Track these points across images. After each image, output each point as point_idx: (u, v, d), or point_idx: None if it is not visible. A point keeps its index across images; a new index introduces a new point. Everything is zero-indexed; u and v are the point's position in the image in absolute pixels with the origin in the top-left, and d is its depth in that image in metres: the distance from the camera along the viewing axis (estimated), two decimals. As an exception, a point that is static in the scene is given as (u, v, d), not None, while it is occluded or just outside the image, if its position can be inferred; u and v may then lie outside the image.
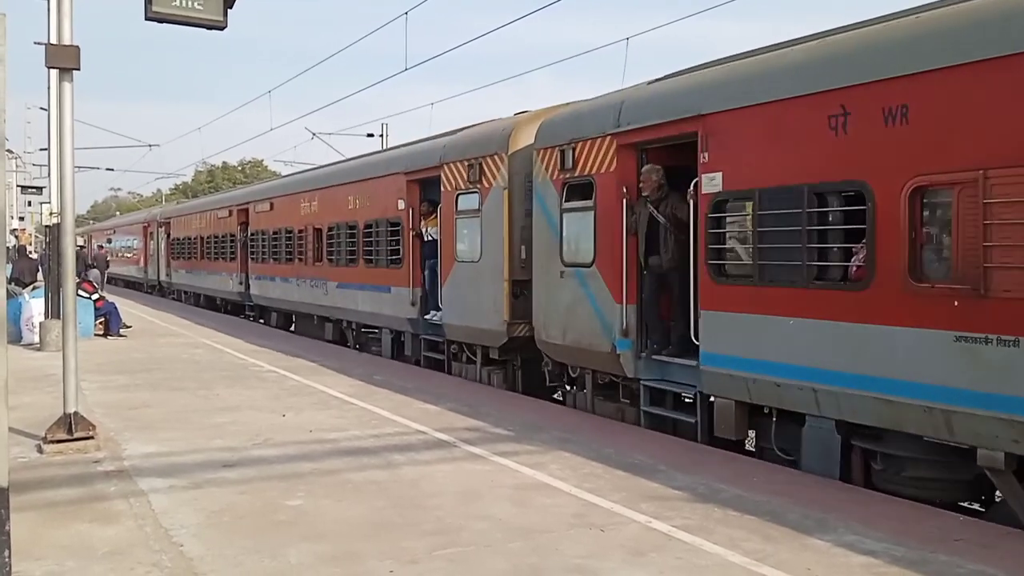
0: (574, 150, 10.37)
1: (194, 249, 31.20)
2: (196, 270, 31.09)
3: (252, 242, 24.23)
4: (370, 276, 16.62)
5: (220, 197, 31.14)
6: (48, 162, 17.39)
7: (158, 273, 37.76)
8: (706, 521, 6.12)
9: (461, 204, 13.20)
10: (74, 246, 8.87)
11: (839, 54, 7.41)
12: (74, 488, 6.96)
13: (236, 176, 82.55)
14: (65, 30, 8.75)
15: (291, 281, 21.06)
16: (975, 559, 5.36)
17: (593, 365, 10.43)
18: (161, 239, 36.84)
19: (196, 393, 11.60)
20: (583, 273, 10.27)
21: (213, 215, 28.67)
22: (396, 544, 5.60)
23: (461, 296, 13.13)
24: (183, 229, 33.24)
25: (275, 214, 22.32)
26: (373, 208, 16.42)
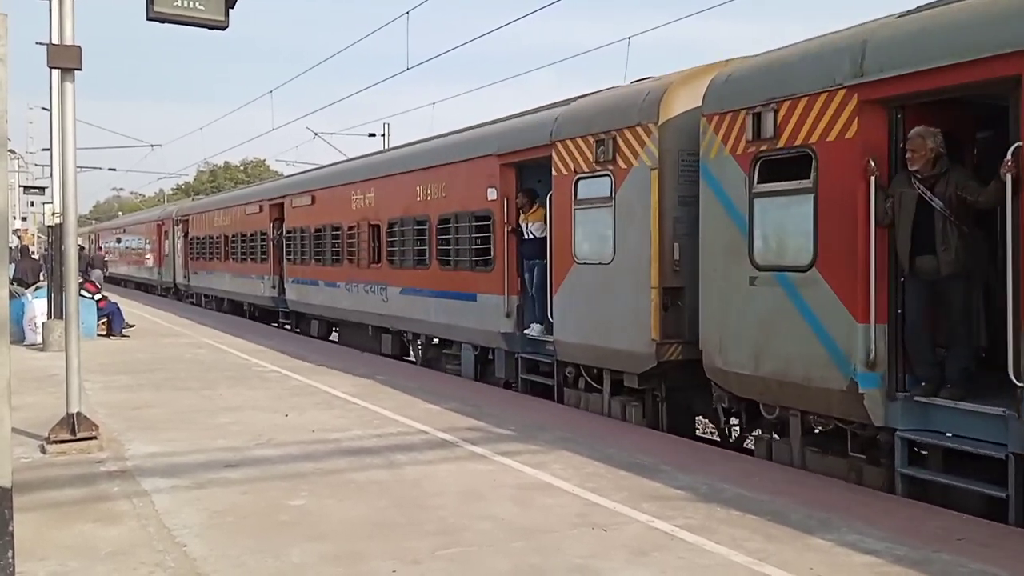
0: (775, 112, 7.86)
1: (216, 249, 28.44)
2: (219, 272, 28.31)
3: (288, 241, 21.60)
4: (447, 281, 13.96)
5: (248, 191, 27.97)
6: (50, 162, 17.44)
7: (174, 275, 35.00)
8: (708, 521, 6.12)
9: (583, 191, 10.64)
10: (76, 246, 8.88)
11: None
12: (77, 488, 6.96)
13: (238, 176, 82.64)
14: (67, 30, 8.75)
15: (339, 286, 18.38)
16: (978, 559, 5.36)
17: (809, 406, 7.73)
18: (178, 238, 34.05)
19: (199, 393, 11.61)
20: (793, 279, 7.68)
21: (240, 211, 25.95)
22: (399, 544, 5.61)
23: (582, 307, 10.59)
24: (204, 227, 30.40)
25: (318, 209, 19.70)
26: (452, 199, 13.79)
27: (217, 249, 28.39)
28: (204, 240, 30.22)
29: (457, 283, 13.57)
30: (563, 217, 10.99)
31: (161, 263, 37.58)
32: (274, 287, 22.73)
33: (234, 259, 26.42)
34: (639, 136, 9.69)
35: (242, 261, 25.54)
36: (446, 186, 13.96)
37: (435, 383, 12.67)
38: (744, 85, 8.39)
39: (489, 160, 12.63)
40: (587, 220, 10.58)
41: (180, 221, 33.71)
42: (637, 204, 9.70)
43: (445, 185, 13.99)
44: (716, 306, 8.62)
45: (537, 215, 11.79)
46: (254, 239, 24.38)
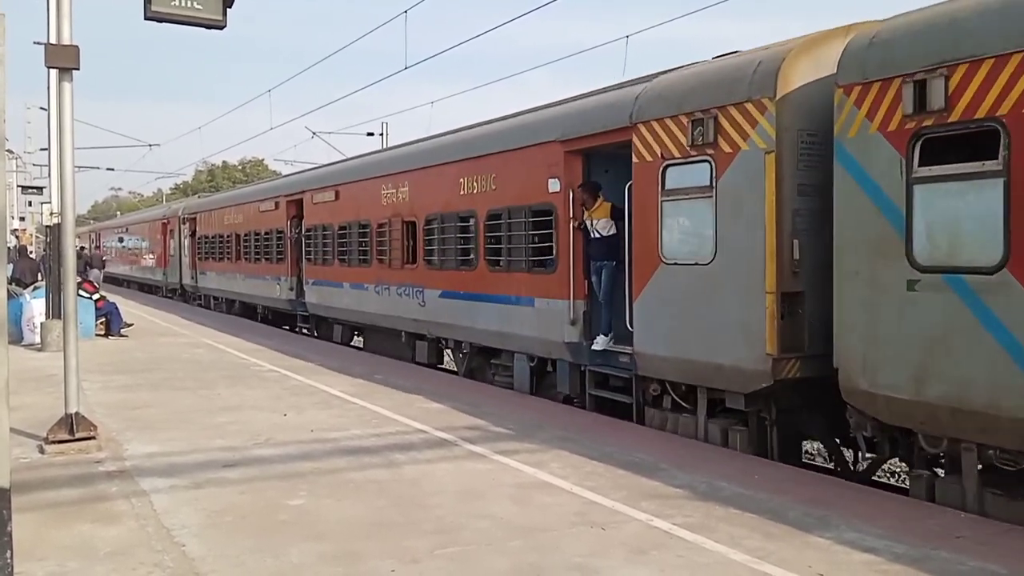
0: (946, 79, 6.51)
1: (227, 248, 26.70)
2: (230, 273, 26.51)
3: (308, 239, 19.98)
4: (498, 284, 12.46)
5: (263, 187, 25.83)
6: (48, 162, 17.42)
7: (180, 276, 33.23)
8: (707, 519, 6.12)
9: (674, 179, 9.17)
10: (75, 246, 8.87)
11: None
12: (76, 488, 6.96)
13: (236, 175, 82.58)
14: (64, 30, 8.75)
15: (367, 288, 16.84)
16: (976, 556, 5.36)
17: (994, 439, 6.36)
18: (185, 237, 32.21)
19: (197, 393, 11.61)
20: (972, 283, 6.33)
21: (253, 208, 24.17)
22: (397, 543, 5.61)
23: (672, 314, 9.13)
24: (213, 225, 28.44)
25: (342, 204, 18.13)
26: (503, 192, 12.31)
27: (228, 249, 26.70)
28: (213, 239, 28.49)
29: (510, 286, 12.12)
30: (646, 211, 9.44)
31: (166, 263, 35.89)
32: (292, 289, 21.23)
33: (247, 259, 24.74)
34: (749, 114, 8.30)
35: (256, 261, 23.84)
36: (496, 177, 12.49)
37: (433, 383, 12.67)
38: (898, 48, 6.94)
39: (550, 147, 11.17)
40: (678, 213, 9.14)
41: (187, 219, 31.90)
42: (746, 193, 8.31)
43: (495, 176, 12.50)
44: (858, 316, 7.18)
45: (602, 211, 10.47)
46: (269, 238, 22.79)
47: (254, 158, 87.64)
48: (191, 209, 32.29)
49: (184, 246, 32.49)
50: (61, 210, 8.86)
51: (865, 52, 7.21)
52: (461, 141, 13.99)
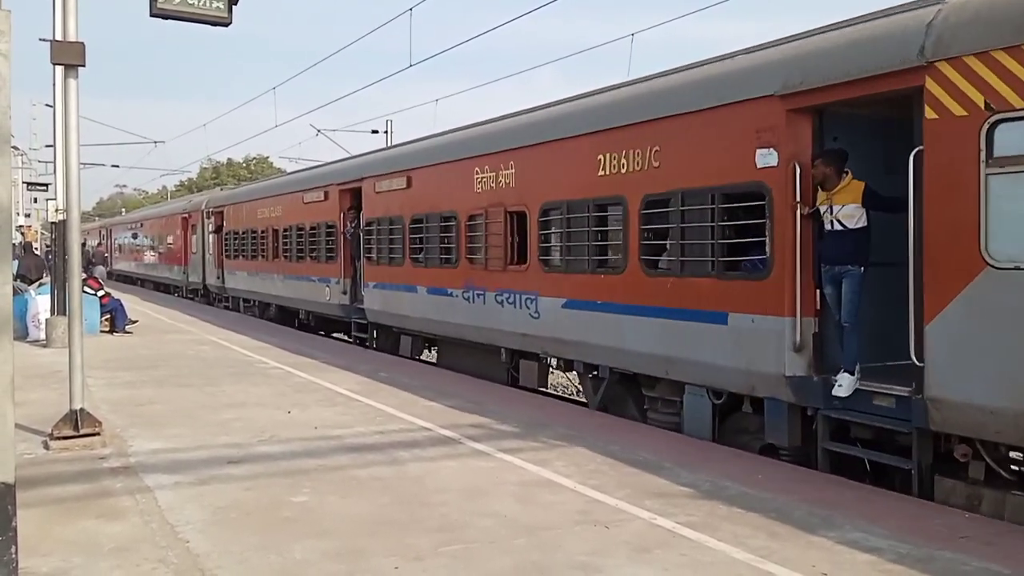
0: None
1: (261, 245, 23.63)
2: (265, 273, 23.46)
3: (369, 235, 16.96)
4: (665, 292, 9.45)
5: (307, 175, 22.24)
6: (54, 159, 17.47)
7: (203, 275, 30.27)
8: (711, 518, 6.11)
9: (1010, 142, 6.37)
10: (80, 243, 8.89)
11: None
12: (80, 484, 6.98)
13: (241, 173, 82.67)
14: (70, 26, 8.75)
15: (451, 294, 13.80)
16: (980, 556, 5.35)
17: None
18: (209, 233, 29.33)
19: (202, 389, 11.63)
20: None
21: (295, 200, 21.19)
22: (401, 541, 5.61)
23: (1010, 344, 6.28)
24: (244, 220, 25.33)
25: (417, 193, 15.13)
26: (671, 169, 9.40)
27: (262, 246, 23.62)
28: (244, 235, 25.30)
29: (686, 296, 9.13)
30: (955, 190, 6.63)
31: (186, 261, 33.02)
32: (345, 293, 18.15)
33: (286, 258, 21.71)
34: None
35: (298, 260, 20.84)
36: (659, 152, 9.48)
37: (437, 380, 12.67)
38: None
39: (761, 104, 8.24)
40: (1021, 193, 6.32)
41: (212, 213, 28.92)
42: None
43: (657, 150, 9.50)
44: None
45: (850, 193, 7.64)
46: (316, 233, 19.72)
47: (259, 155, 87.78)
48: (217, 202, 29.29)
49: (208, 243, 29.63)
50: (66, 207, 8.87)
51: None
52: (598, 107, 10.93)
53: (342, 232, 18.38)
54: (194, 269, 31.72)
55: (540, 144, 11.75)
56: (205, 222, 29.83)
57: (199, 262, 30.90)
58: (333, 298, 18.86)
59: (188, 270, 32.75)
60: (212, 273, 29.17)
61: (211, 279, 29.46)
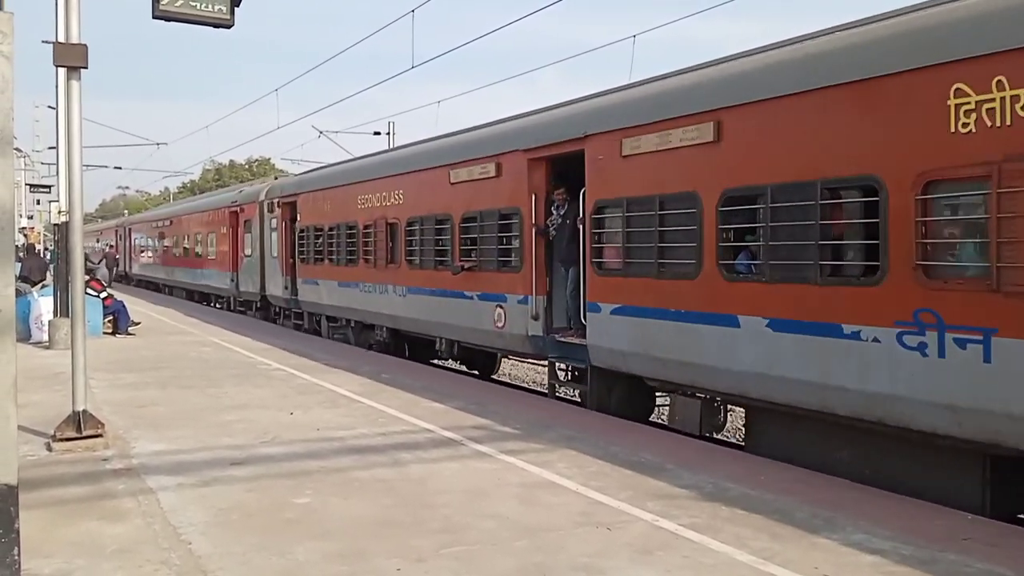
0: None
1: (364, 245, 17.31)
2: (371, 284, 17.03)
3: (603, 225, 10.65)
4: None
5: (455, 141, 14.82)
6: (56, 160, 17.50)
7: (262, 284, 23.79)
8: (713, 520, 6.11)
9: None
10: (83, 244, 8.90)
11: None
12: (83, 486, 6.98)
13: (243, 175, 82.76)
14: (73, 29, 8.76)
15: (863, 335, 7.30)
16: (983, 558, 5.34)
17: None
18: (271, 230, 23.09)
19: (204, 391, 11.63)
20: None
21: (434, 180, 14.65)
22: (403, 542, 5.61)
23: None
24: (332, 210, 18.90)
25: (741, 148, 8.61)
26: None
27: (365, 246, 17.27)
28: (333, 232, 18.86)
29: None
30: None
31: (236, 266, 26.44)
32: (536, 317, 11.89)
33: (414, 263, 15.36)
34: None
35: (438, 267, 14.50)
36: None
37: (439, 382, 12.67)
38: None
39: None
40: None
41: (280, 204, 22.31)
42: None
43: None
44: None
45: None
46: (477, 228, 13.38)
47: (261, 157, 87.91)
48: (285, 190, 22.51)
49: (271, 242, 23.08)
50: (69, 208, 8.88)
51: None
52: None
53: (532, 225, 11.98)
54: (248, 276, 25.16)
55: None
56: (265, 216, 23.39)
57: (254, 267, 24.28)
58: (511, 325, 12.47)
59: (240, 277, 26.14)
60: (276, 282, 22.48)
61: (274, 289, 22.76)
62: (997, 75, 6.30)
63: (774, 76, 8.36)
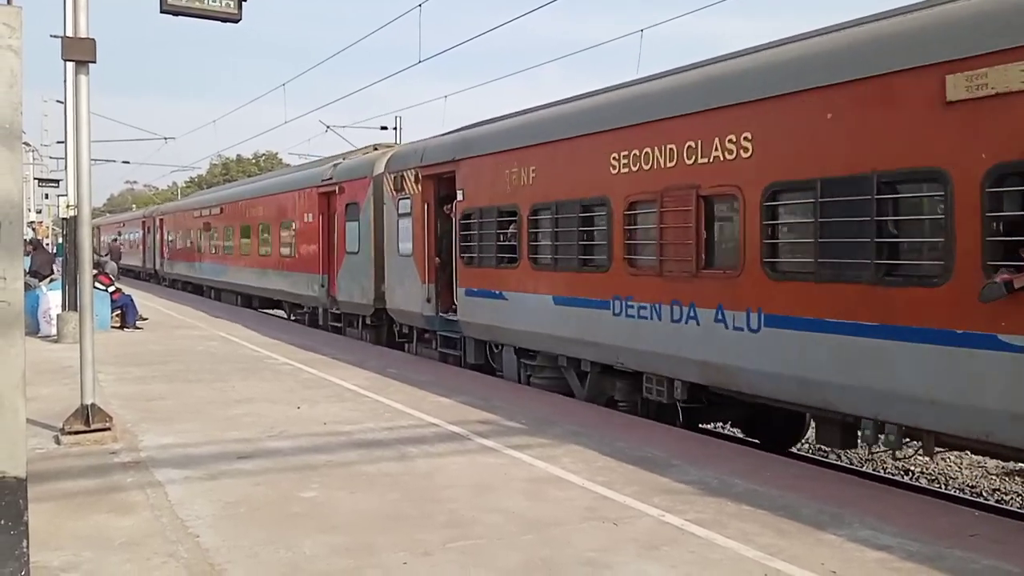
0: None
1: (622, 238, 10.15)
2: (632, 303, 9.94)
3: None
4: None
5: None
6: (65, 155, 17.53)
7: (379, 293, 17.18)
8: (719, 515, 6.11)
9: None
10: (91, 238, 8.93)
11: None
12: (91, 479, 7.02)
13: (251, 169, 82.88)
14: (81, 23, 8.78)
15: None
16: (990, 555, 5.33)
17: None
18: (402, 216, 15.93)
19: (212, 385, 11.67)
20: None
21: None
22: (410, 536, 5.62)
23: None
24: (547, 181, 11.75)
25: None
26: None
27: (635, 237, 10.09)
28: (551, 217, 11.76)
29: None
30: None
31: (330, 266, 19.69)
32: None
33: (788, 271, 8.04)
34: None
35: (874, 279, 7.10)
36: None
37: (446, 377, 12.69)
38: None
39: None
40: None
41: (422, 178, 15.04)
42: None
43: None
44: None
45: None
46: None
47: (268, 152, 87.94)
48: (432, 157, 14.88)
49: (396, 234, 16.14)
50: (77, 202, 8.91)
51: None
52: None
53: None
54: (351, 280, 18.42)
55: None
56: (385, 197, 16.54)
57: (362, 268, 17.77)
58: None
59: (338, 281, 19.24)
60: (408, 291, 15.64)
61: (403, 301, 15.87)
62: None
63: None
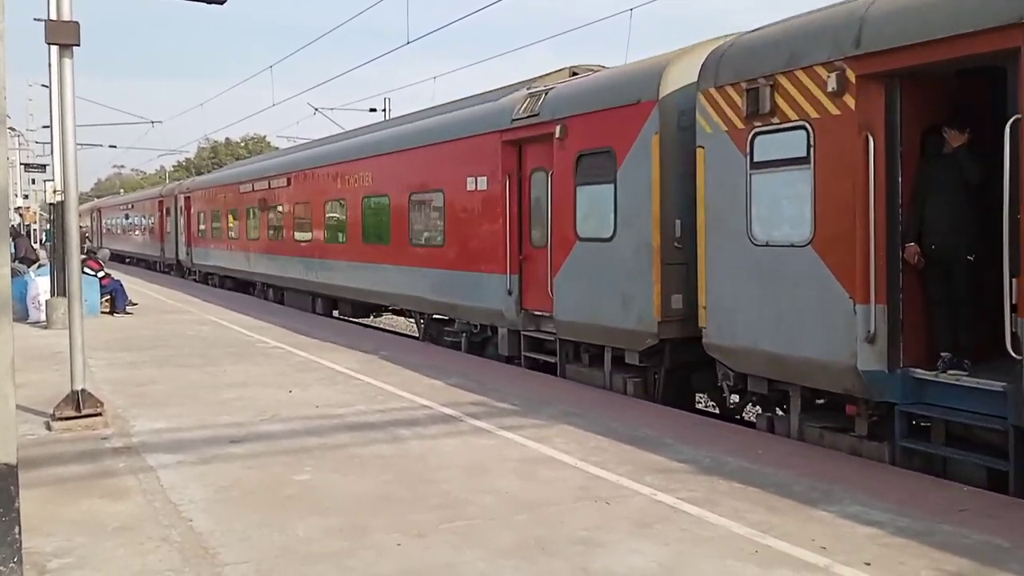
0: None
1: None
2: None
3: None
4: None
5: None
6: (51, 140, 17.40)
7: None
8: (711, 493, 6.14)
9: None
10: (78, 223, 8.87)
11: None
12: (83, 464, 7.00)
13: (240, 152, 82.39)
14: (64, 6, 8.68)
15: None
16: (980, 529, 5.37)
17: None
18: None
19: (203, 369, 11.64)
20: None
21: None
22: (403, 518, 5.64)
23: None
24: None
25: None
26: None
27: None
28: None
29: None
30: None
31: (516, 268, 12.05)
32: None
33: None
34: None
35: None
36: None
37: (438, 359, 12.69)
38: None
39: None
40: None
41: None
42: None
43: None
44: None
45: None
46: None
47: (256, 135, 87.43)
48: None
49: (763, 200, 7.86)
50: (64, 188, 8.84)
51: None
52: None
53: None
54: (591, 285, 10.48)
55: None
56: (731, 130, 8.15)
57: (630, 265, 9.79)
58: None
59: (561, 288, 11.01)
60: (817, 317, 7.35)
61: (801, 335, 7.53)
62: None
63: None
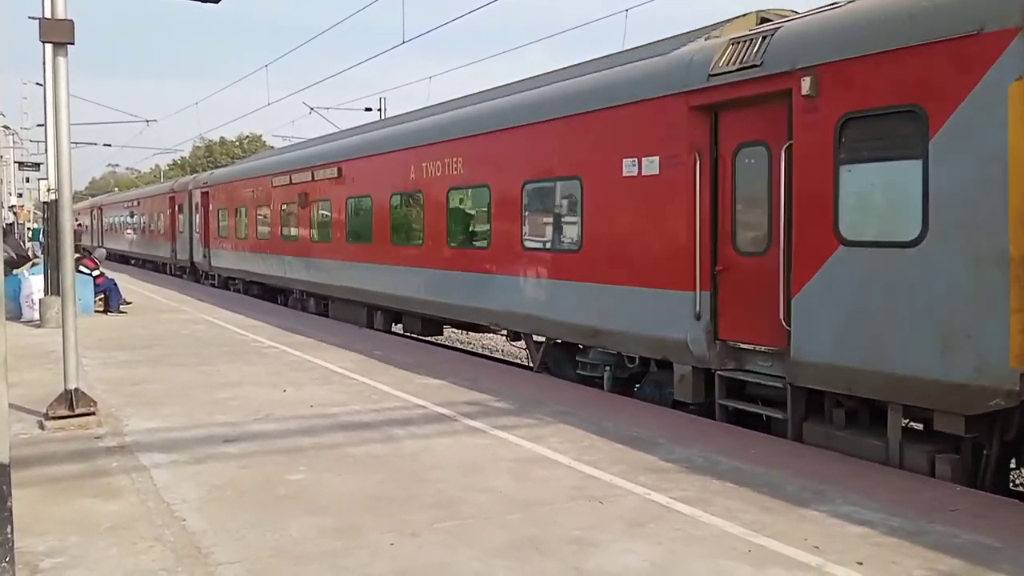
0: None
1: None
2: None
3: None
4: None
5: None
6: (45, 138, 17.34)
7: None
8: (704, 493, 6.16)
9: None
10: (72, 222, 8.85)
11: None
12: (76, 464, 6.99)
13: (235, 151, 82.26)
14: (59, 4, 8.67)
15: None
16: (971, 529, 5.40)
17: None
18: None
19: (197, 369, 11.63)
20: None
21: None
22: (397, 517, 5.64)
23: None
24: None
25: None
26: None
27: None
28: None
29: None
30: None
31: None
32: None
33: None
34: None
35: None
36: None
37: (432, 359, 12.70)
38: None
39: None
40: None
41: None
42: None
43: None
44: None
45: None
46: None
47: (252, 134, 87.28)
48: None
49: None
50: (58, 186, 8.82)
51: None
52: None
53: None
54: (878, 313, 6.95)
55: None
56: None
57: (965, 284, 6.33)
58: None
59: (803, 312, 7.55)
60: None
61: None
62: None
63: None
